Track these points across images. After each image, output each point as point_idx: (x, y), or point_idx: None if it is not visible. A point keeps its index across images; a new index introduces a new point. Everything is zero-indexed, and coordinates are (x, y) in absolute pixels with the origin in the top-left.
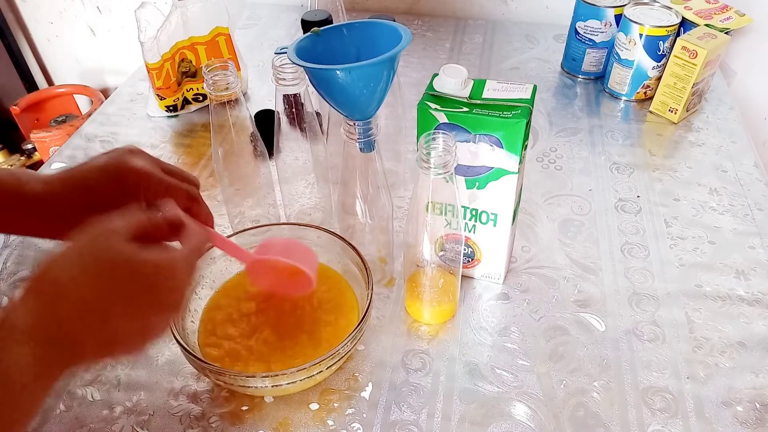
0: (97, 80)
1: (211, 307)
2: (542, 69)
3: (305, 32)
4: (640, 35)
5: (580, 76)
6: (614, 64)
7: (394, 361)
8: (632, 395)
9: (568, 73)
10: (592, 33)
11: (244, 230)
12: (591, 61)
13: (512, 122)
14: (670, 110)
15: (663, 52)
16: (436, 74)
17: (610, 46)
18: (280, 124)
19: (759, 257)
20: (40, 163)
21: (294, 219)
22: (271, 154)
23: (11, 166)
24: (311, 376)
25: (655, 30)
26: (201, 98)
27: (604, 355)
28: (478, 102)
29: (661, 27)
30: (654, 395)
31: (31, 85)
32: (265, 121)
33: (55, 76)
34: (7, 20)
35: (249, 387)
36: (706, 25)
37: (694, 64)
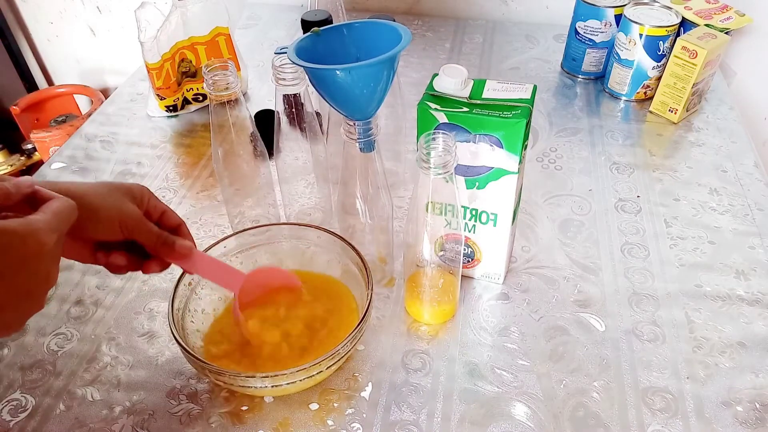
0: (97, 80)
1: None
2: (542, 69)
3: (305, 32)
4: (640, 35)
5: (580, 76)
6: (614, 64)
7: (394, 361)
8: (632, 395)
9: (568, 73)
10: (592, 33)
11: (244, 230)
12: (591, 61)
13: (512, 122)
14: (670, 110)
15: (663, 52)
16: (436, 74)
17: (610, 46)
18: (280, 124)
19: (759, 257)
20: (40, 163)
21: (294, 219)
22: (271, 154)
23: (11, 166)
24: (311, 376)
25: (655, 30)
26: (201, 98)
27: (604, 355)
28: (478, 102)
29: (661, 27)
30: (654, 395)
31: (31, 85)
32: (265, 121)
33: (55, 76)
34: (7, 20)
35: (249, 387)
36: (706, 25)
37: (694, 64)
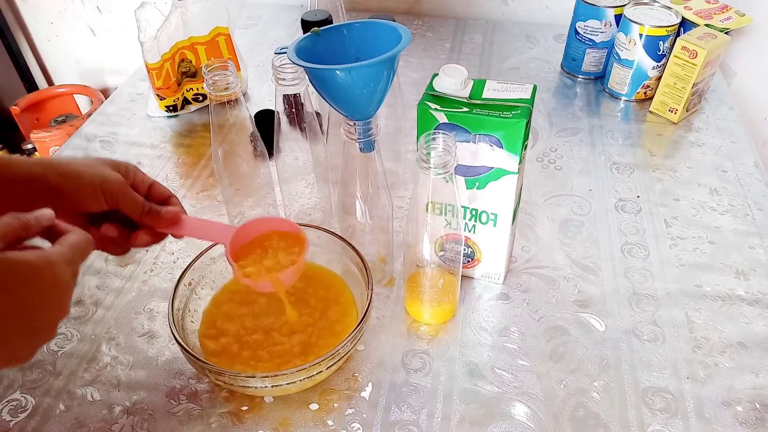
0: (97, 80)
1: (213, 305)
2: (542, 69)
3: (305, 32)
4: (640, 35)
5: (580, 76)
6: (614, 64)
7: (394, 361)
8: (632, 395)
9: (568, 73)
10: (592, 33)
11: None
12: (591, 61)
13: (512, 122)
14: (670, 110)
15: (663, 52)
16: (436, 74)
17: (610, 46)
18: (280, 124)
19: (759, 257)
20: None
21: (294, 219)
22: (271, 154)
23: None
24: (311, 376)
25: (655, 30)
26: (201, 98)
27: (604, 355)
28: (478, 102)
29: (661, 27)
30: (654, 395)
31: (31, 85)
32: (265, 121)
33: (55, 76)
34: (7, 20)
35: (249, 387)
36: (706, 25)
37: (694, 64)
